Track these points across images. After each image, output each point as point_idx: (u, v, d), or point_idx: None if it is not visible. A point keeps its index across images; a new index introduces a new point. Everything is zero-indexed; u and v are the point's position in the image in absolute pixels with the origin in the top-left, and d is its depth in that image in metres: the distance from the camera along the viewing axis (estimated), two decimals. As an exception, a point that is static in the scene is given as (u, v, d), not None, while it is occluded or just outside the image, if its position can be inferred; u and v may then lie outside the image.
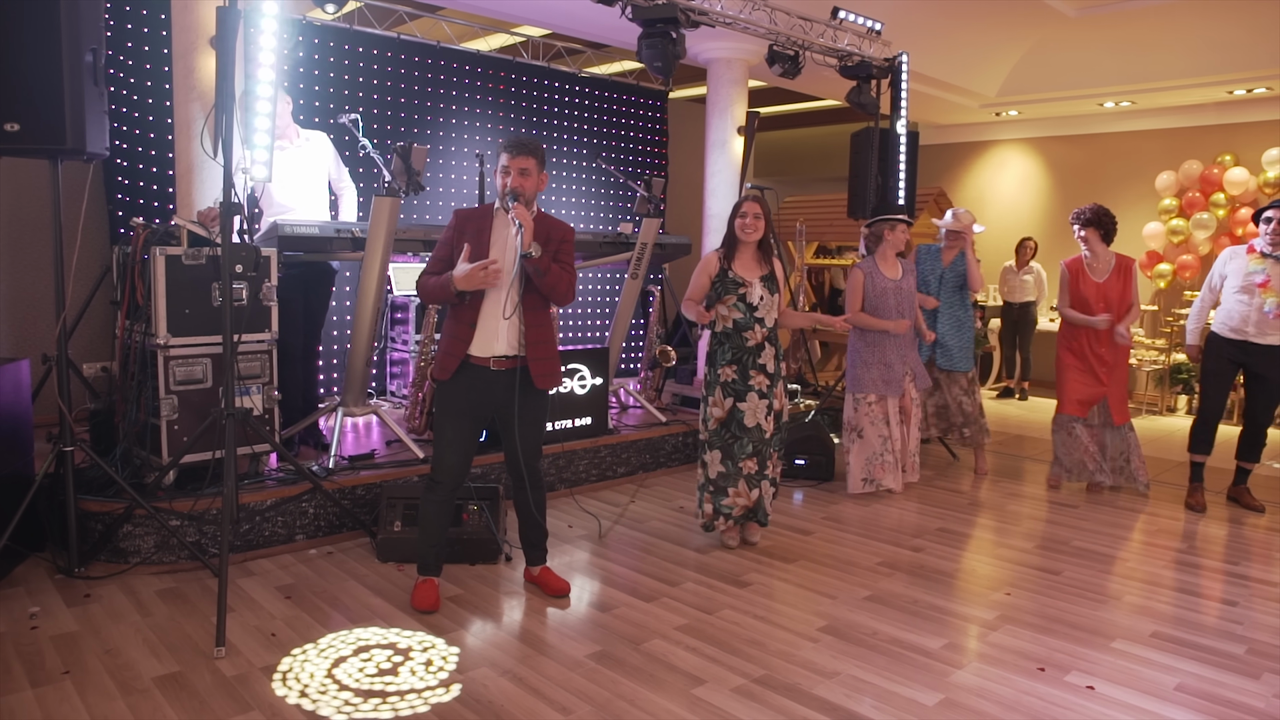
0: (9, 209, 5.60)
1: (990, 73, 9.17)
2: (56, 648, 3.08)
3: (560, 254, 3.44)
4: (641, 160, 8.57)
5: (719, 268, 4.12)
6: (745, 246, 4.14)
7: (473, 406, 3.45)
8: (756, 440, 4.14)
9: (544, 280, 3.34)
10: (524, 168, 3.35)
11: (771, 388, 4.16)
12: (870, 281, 5.17)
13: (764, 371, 4.13)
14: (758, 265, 4.14)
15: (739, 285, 4.08)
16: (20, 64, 3.23)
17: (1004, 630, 3.41)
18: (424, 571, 3.57)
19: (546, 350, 3.46)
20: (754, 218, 4.08)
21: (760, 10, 5.68)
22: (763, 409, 4.13)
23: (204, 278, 3.90)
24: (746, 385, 4.11)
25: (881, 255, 5.24)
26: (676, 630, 3.35)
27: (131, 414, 3.98)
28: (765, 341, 4.13)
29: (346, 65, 6.48)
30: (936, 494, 5.41)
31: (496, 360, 3.39)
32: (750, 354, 4.11)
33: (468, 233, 3.40)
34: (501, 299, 3.35)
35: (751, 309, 4.09)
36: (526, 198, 3.36)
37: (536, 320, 3.43)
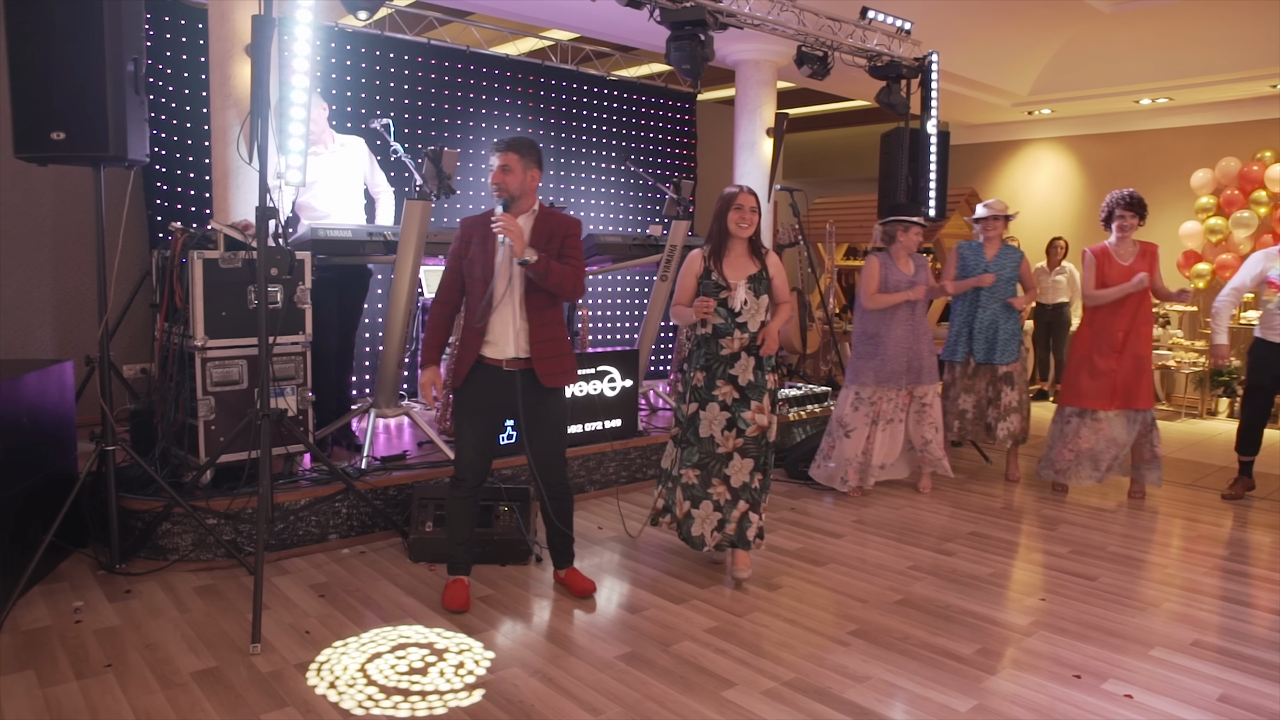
0: (53, 215, 5.73)
1: (1022, 71, 9.07)
2: (99, 641, 3.15)
3: (565, 249, 3.43)
4: (670, 162, 8.58)
5: (703, 267, 3.79)
6: (736, 243, 3.79)
7: (488, 404, 3.48)
8: (705, 453, 3.82)
9: (547, 282, 3.34)
10: (505, 164, 3.37)
11: (743, 404, 3.77)
12: (886, 272, 5.17)
13: (733, 383, 3.77)
14: (748, 263, 3.79)
15: (720, 289, 3.74)
16: (66, 75, 3.31)
17: (1038, 636, 3.38)
18: (453, 571, 3.61)
19: (554, 348, 3.46)
20: (750, 211, 3.73)
21: (789, 11, 5.67)
22: (721, 422, 3.79)
23: (240, 281, 3.96)
24: (710, 394, 3.80)
25: (895, 254, 5.23)
26: (706, 632, 3.35)
27: (170, 414, 4.05)
28: (743, 351, 3.77)
29: (378, 71, 6.56)
30: (968, 497, 5.37)
31: (509, 361, 3.43)
32: (721, 363, 3.78)
33: (474, 241, 3.43)
34: (511, 306, 3.39)
35: (732, 314, 3.75)
36: (510, 194, 3.37)
37: (541, 319, 3.44)
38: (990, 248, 5.60)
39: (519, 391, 3.42)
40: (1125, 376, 5.16)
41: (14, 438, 3.43)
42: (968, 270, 5.59)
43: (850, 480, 5.29)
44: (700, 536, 3.86)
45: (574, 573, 3.73)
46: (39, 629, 3.24)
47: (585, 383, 5.19)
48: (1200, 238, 8.93)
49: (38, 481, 3.65)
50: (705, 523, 3.85)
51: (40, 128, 3.35)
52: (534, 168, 3.43)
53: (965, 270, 5.60)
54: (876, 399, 5.21)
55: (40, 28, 3.33)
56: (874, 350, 5.20)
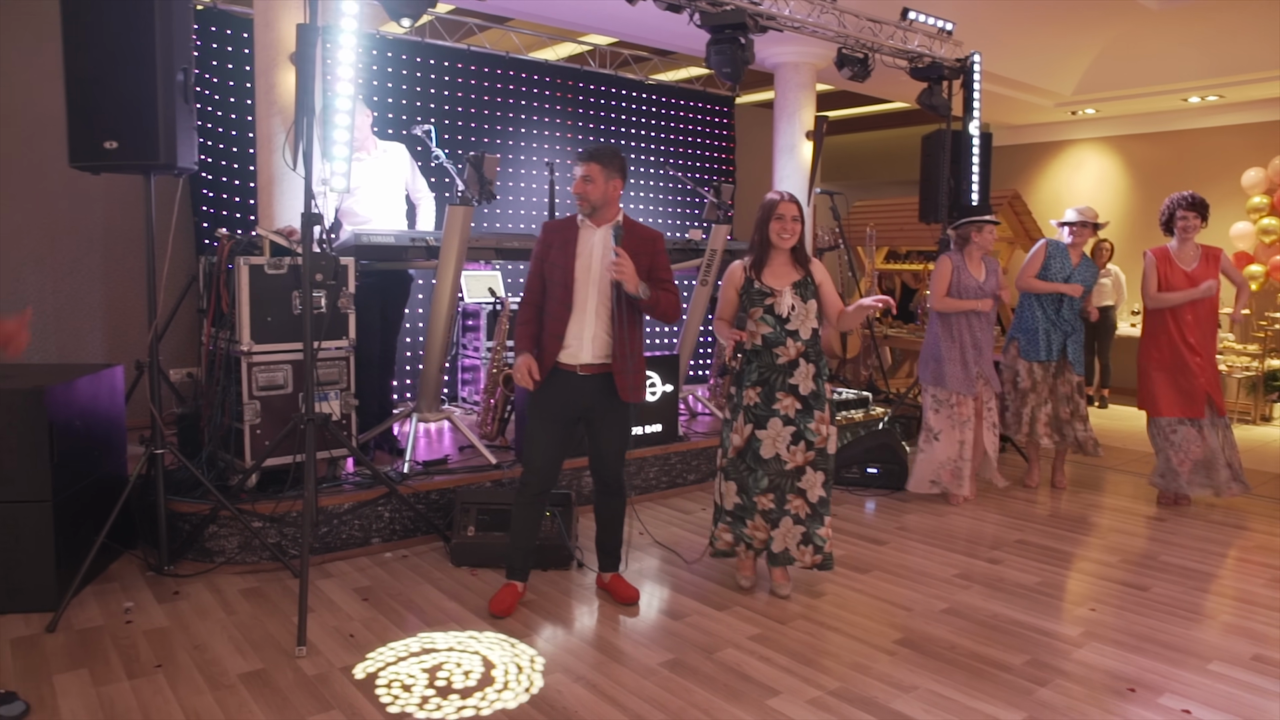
0: (103, 222, 5.85)
1: (1066, 70, 8.93)
2: (149, 641, 3.20)
3: (655, 269, 3.43)
4: (709, 166, 8.56)
5: (744, 278, 3.67)
6: (778, 252, 3.66)
7: (561, 409, 3.48)
8: (774, 474, 3.65)
9: (655, 311, 3.41)
10: (586, 174, 3.37)
11: (807, 414, 3.64)
12: (957, 275, 5.12)
13: (794, 393, 3.62)
14: (790, 272, 3.66)
15: (766, 295, 3.61)
16: (119, 85, 3.38)
17: (1090, 648, 3.30)
18: (511, 575, 3.61)
19: (635, 364, 3.47)
20: (793, 220, 3.61)
21: (829, 14, 5.63)
22: (786, 437, 3.63)
23: (285, 286, 4.01)
24: (770, 409, 3.63)
25: (969, 255, 5.17)
26: (750, 640, 3.32)
27: (216, 418, 4.11)
28: (800, 358, 3.63)
29: (419, 77, 6.62)
30: (1014, 504, 5.28)
31: (584, 367, 3.43)
32: (779, 373, 3.62)
33: (554, 246, 3.45)
34: (590, 308, 3.40)
35: (781, 322, 3.60)
36: (592, 203, 3.38)
37: (627, 334, 3.43)
38: (1075, 254, 5.44)
39: (595, 393, 3.43)
40: (1205, 382, 5.03)
41: (68, 441, 3.50)
42: (1050, 270, 5.40)
43: (946, 483, 5.21)
44: (785, 551, 3.71)
45: (619, 579, 3.72)
46: (92, 628, 3.29)
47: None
48: (1252, 238, 8.71)
49: (90, 484, 3.72)
50: (788, 537, 3.70)
51: (94, 137, 3.41)
52: (616, 177, 3.41)
53: (1049, 270, 5.40)
54: (955, 401, 5.15)
55: (95, 40, 3.39)
56: (943, 353, 5.15)
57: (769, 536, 3.73)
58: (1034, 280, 5.38)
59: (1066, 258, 5.42)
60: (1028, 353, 5.45)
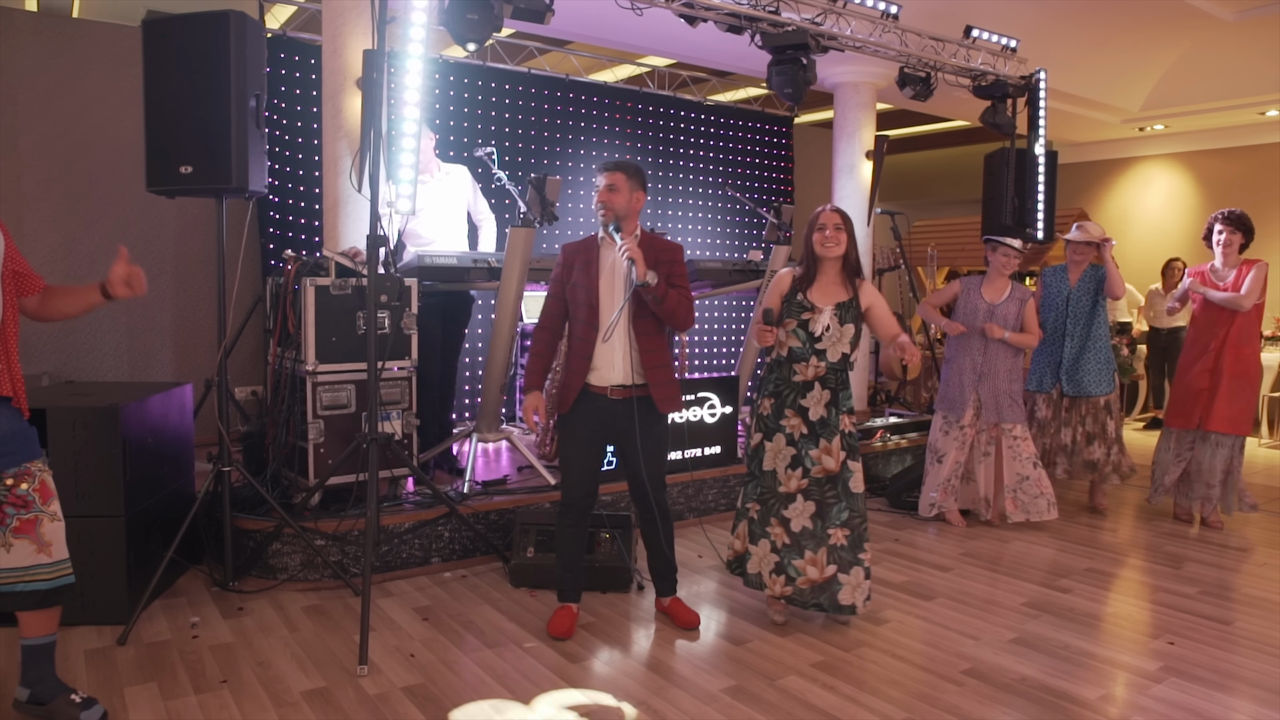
0: (175, 244, 6.02)
1: (1134, 86, 8.72)
2: (215, 657, 3.24)
3: (673, 276, 3.39)
4: (768, 186, 8.52)
5: (790, 287, 3.58)
6: (827, 265, 3.55)
7: (592, 432, 3.46)
8: (766, 489, 3.58)
9: (662, 307, 3.32)
10: (611, 183, 3.37)
11: (811, 441, 3.50)
12: (964, 297, 5.06)
13: (803, 415, 3.51)
14: (839, 290, 3.54)
15: (804, 310, 3.51)
16: (195, 112, 3.48)
17: (1169, 684, 3.17)
18: (563, 598, 3.60)
19: (666, 374, 3.44)
20: (834, 229, 3.50)
21: (891, 33, 5.57)
22: (786, 457, 3.53)
23: (350, 307, 4.07)
24: (777, 424, 3.56)
25: (988, 277, 5.09)
26: (812, 667, 3.25)
27: (281, 437, 4.18)
28: (817, 381, 3.52)
29: (480, 100, 6.72)
30: (1082, 531, 5.11)
31: (614, 389, 3.40)
32: (793, 390, 3.53)
33: (576, 266, 3.45)
34: (611, 328, 3.37)
35: (812, 339, 3.50)
36: (616, 213, 3.37)
37: (651, 345, 3.41)
38: (1074, 272, 5.38)
39: (626, 418, 3.40)
40: (1209, 398, 5.00)
41: (140, 457, 3.59)
42: (1049, 296, 5.43)
43: (939, 501, 5.13)
44: (758, 575, 3.61)
45: (678, 603, 3.67)
46: (160, 642, 3.36)
47: (685, 409, 5.16)
48: (1334, 258, 8.38)
49: (159, 500, 3.81)
50: (762, 562, 3.60)
51: (170, 162, 3.52)
52: (639, 189, 3.43)
53: (1047, 296, 5.44)
54: (964, 425, 5.05)
55: (174, 68, 3.51)
56: (945, 373, 5.15)
57: (744, 552, 3.70)
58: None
59: (1064, 278, 5.41)
60: (1030, 384, 5.51)
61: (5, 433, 2.61)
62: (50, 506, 2.69)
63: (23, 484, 2.63)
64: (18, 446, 2.64)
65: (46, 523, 2.67)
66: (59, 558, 2.70)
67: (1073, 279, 5.38)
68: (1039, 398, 5.48)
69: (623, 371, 3.39)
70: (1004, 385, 5.01)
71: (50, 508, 2.69)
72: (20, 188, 5.53)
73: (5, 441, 2.60)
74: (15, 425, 2.65)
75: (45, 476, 2.70)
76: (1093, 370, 5.29)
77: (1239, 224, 4.93)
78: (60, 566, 2.71)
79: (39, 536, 2.65)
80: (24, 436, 2.67)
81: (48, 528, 2.67)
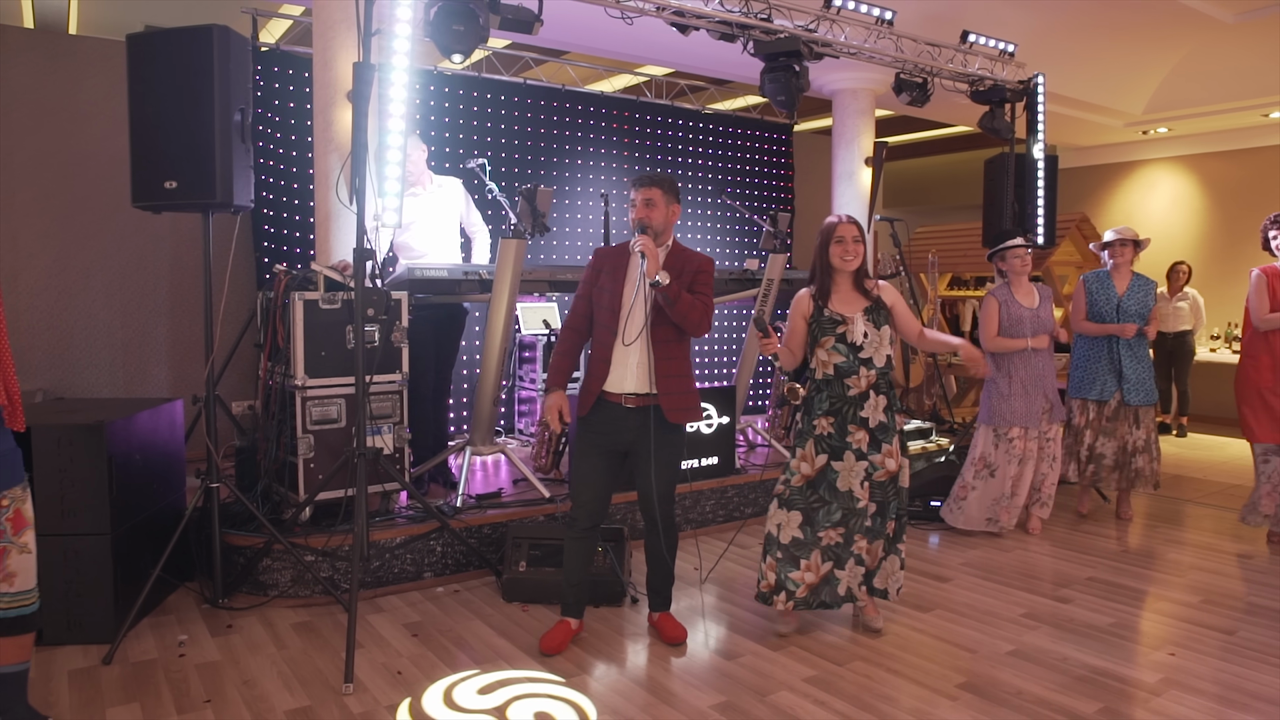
0: (170, 259, 6.02)
1: (1136, 89, 8.66)
2: (201, 676, 3.21)
3: (695, 284, 3.38)
4: (768, 195, 8.48)
5: (813, 306, 3.56)
6: (842, 277, 3.56)
7: (607, 443, 3.43)
8: (846, 508, 3.52)
9: (674, 309, 3.28)
10: (649, 198, 3.37)
11: (874, 447, 3.52)
12: (1005, 310, 4.96)
13: (865, 426, 3.50)
14: (859, 297, 3.56)
15: (837, 323, 3.49)
16: (179, 127, 3.47)
17: (1169, 696, 3.10)
18: (565, 612, 3.56)
19: (680, 384, 3.40)
20: (854, 241, 3.50)
21: (886, 39, 5.54)
22: (860, 472, 3.51)
23: (339, 321, 4.05)
24: (844, 442, 3.50)
25: (1015, 283, 5.01)
26: (805, 682, 3.20)
27: (272, 452, 4.15)
28: (871, 390, 3.52)
29: (475, 111, 6.70)
30: (1084, 539, 5.04)
31: (628, 398, 3.37)
32: (851, 405, 3.50)
33: (604, 271, 3.45)
34: (630, 332, 3.35)
35: (855, 349, 3.49)
36: (655, 228, 3.36)
37: (668, 353, 3.38)
38: (1120, 279, 5.20)
39: (640, 427, 3.36)
40: None
41: (127, 474, 3.56)
42: (1096, 305, 5.22)
43: (1004, 521, 5.05)
44: (849, 591, 3.59)
45: (668, 618, 3.63)
46: (146, 661, 3.33)
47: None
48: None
49: (149, 517, 3.78)
50: (852, 578, 3.58)
51: (155, 178, 3.51)
52: (675, 202, 3.43)
53: (1094, 305, 5.23)
54: (1014, 436, 4.97)
55: (158, 83, 3.50)
56: (1007, 389, 4.96)
57: (826, 578, 3.58)
58: (1086, 323, 5.22)
59: (1109, 285, 5.22)
60: (1078, 390, 5.31)
61: None
62: (21, 537, 2.59)
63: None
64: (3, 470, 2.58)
65: (15, 554, 2.57)
66: (22, 588, 2.59)
67: (1120, 286, 5.19)
68: (1076, 403, 5.31)
69: (637, 379, 3.36)
70: (1053, 385, 5.01)
71: (21, 539, 2.59)
72: (14, 203, 5.54)
73: None
74: (4, 444, 2.59)
75: (21, 506, 2.60)
76: (1143, 379, 5.17)
77: None
78: (21, 597, 2.59)
79: (4, 568, 2.55)
80: (7, 460, 2.60)
81: (15, 560, 2.57)
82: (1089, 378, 5.26)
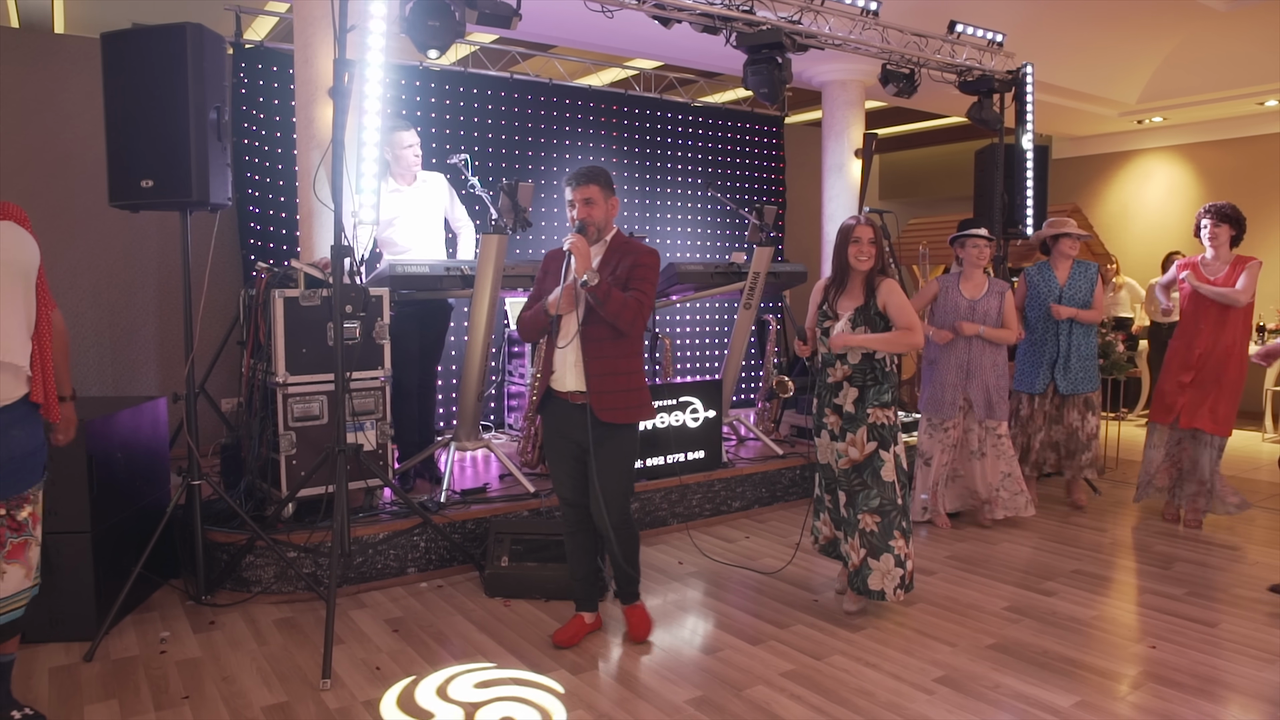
0: (157, 257, 6.02)
1: (1129, 78, 8.62)
2: (180, 672, 3.22)
3: (633, 277, 3.27)
4: (759, 187, 8.46)
5: (823, 298, 3.86)
6: (855, 275, 3.76)
7: (566, 439, 3.42)
8: (827, 476, 3.88)
9: (605, 307, 3.18)
10: (588, 197, 3.30)
11: (846, 430, 3.74)
12: (943, 295, 5.00)
13: (838, 412, 3.77)
14: (858, 295, 3.75)
15: (827, 318, 3.79)
16: (153, 126, 3.48)
17: (1147, 689, 3.10)
18: (577, 607, 3.59)
19: (611, 383, 3.29)
20: (868, 243, 3.68)
21: (871, 29, 5.52)
22: (832, 452, 3.81)
23: (320, 318, 4.05)
24: (821, 422, 3.86)
25: (966, 273, 5.01)
26: (782, 676, 3.20)
27: (254, 449, 4.16)
28: (845, 380, 3.75)
29: (462, 107, 6.69)
30: (1073, 531, 5.03)
31: (573, 395, 3.34)
32: (828, 391, 3.81)
33: (551, 272, 3.41)
34: (569, 337, 3.32)
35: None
36: (596, 225, 3.31)
37: (598, 351, 3.28)
38: (1061, 268, 5.28)
39: (583, 425, 3.32)
40: (1198, 394, 4.91)
41: (107, 472, 3.57)
42: (1038, 296, 5.31)
43: (931, 505, 5.09)
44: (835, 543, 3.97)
45: (633, 611, 3.59)
46: (127, 658, 3.34)
47: (667, 414, 5.12)
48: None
49: (131, 514, 3.79)
50: (852, 550, 3.79)
51: (131, 176, 3.51)
52: (612, 195, 3.38)
53: (1035, 296, 5.33)
54: (949, 426, 4.98)
55: (132, 82, 3.50)
56: (929, 376, 5.05)
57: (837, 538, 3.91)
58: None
59: (1050, 275, 5.30)
60: (1019, 383, 5.42)
61: (25, 451, 2.60)
62: (37, 530, 2.71)
63: (25, 508, 2.65)
64: (31, 469, 2.64)
65: (33, 546, 2.69)
66: (35, 581, 2.73)
67: (1061, 276, 5.28)
68: (1024, 396, 5.42)
69: (576, 377, 3.32)
70: (992, 382, 4.95)
71: (37, 531, 2.71)
72: None
73: (23, 461, 2.60)
74: (35, 441, 2.65)
75: (38, 504, 2.73)
76: (1088, 368, 5.25)
77: (1225, 217, 4.84)
78: (18, 598, 2.71)
79: (27, 561, 2.66)
80: (37, 457, 2.67)
81: (34, 552, 2.70)
82: (1027, 370, 5.39)
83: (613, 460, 3.36)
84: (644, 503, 4.96)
